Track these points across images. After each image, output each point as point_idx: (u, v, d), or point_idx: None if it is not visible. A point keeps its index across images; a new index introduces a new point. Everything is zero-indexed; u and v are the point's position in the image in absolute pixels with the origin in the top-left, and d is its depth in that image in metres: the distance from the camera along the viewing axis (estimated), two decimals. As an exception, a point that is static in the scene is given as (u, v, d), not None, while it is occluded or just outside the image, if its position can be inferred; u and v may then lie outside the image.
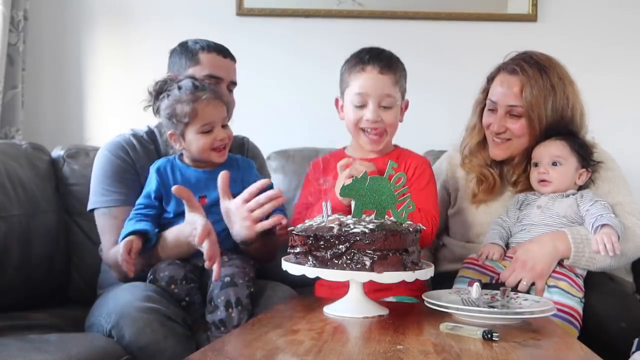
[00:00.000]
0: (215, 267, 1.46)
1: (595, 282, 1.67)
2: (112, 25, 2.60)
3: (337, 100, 1.76)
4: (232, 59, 1.83)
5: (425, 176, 1.71)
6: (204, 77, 1.72)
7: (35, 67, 2.54)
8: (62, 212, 2.04)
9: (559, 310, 1.49)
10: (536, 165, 1.75)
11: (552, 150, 1.72)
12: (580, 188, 1.75)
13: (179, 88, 1.60)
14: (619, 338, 1.47)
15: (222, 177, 1.56)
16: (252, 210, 1.52)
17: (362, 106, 1.65)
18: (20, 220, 1.84)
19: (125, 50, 2.60)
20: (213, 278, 1.48)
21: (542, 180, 1.72)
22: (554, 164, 1.72)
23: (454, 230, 1.92)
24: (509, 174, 1.85)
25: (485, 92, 1.87)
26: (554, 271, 1.62)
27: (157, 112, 1.65)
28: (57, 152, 2.13)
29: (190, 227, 1.51)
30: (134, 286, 1.53)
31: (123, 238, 1.53)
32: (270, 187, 1.58)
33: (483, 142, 1.88)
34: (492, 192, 1.82)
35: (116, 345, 1.40)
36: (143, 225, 1.56)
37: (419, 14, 2.59)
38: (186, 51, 1.78)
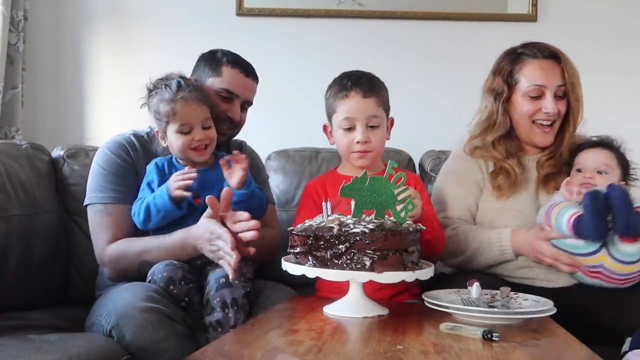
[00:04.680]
0: (232, 271, 1.47)
1: None
2: (112, 25, 2.60)
3: (325, 127, 1.80)
4: (254, 78, 1.84)
5: (425, 192, 1.79)
6: (220, 90, 1.75)
7: (35, 67, 2.54)
8: (62, 212, 2.04)
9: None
10: (579, 170, 1.75)
11: (600, 158, 1.74)
12: None
13: (166, 87, 1.63)
14: None
15: (225, 193, 1.57)
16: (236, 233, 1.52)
17: (351, 129, 1.69)
18: (20, 220, 1.84)
19: (125, 50, 2.60)
20: (230, 277, 1.48)
21: (586, 184, 1.70)
22: (599, 172, 1.72)
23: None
24: (539, 162, 1.87)
25: (508, 84, 1.87)
26: None
27: (149, 108, 1.67)
28: (57, 152, 2.13)
29: (203, 231, 1.53)
30: (134, 286, 1.53)
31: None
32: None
33: (504, 135, 1.89)
34: (515, 186, 1.83)
35: (116, 345, 1.40)
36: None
37: (419, 14, 2.59)
38: (212, 60, 1.79)
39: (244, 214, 1.53)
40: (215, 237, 1.51)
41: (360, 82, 1.69)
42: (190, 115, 1.62)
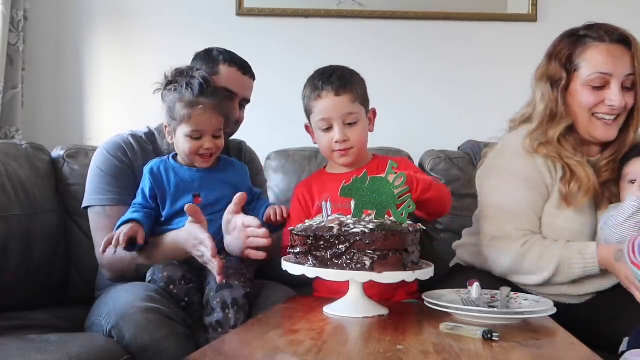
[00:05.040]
0: (219, 277, 1.47)
1: None
2: (112, 25, 2.60)
3: (307, 127, 1.78)
4: (252, 76, 1.83)
5: (412, 165, 1.76)
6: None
7: (35, 67, 2.54)
8: (62, 212, 2.04)
9: None
10: (632, 182, 1.59)
11: None
12: None
13: (187, 85, 1.61)
14: None
15: (240, 197, 1.57)
16: (248, 237, 1.53)
17: (329, 129, 1.67)
18: (20, 220, 1.84)
19: (125, 50, 2.60)
20: (217, 280, 1.48)
21: None
22: None
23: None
24: (597, 167, 1.65)
25: (566, 70, 1.65)
26: None
27: (163, 99, 1.65)
28: (57, 152, 2.13)
29: (188, 236, 1.54)
30: (134, 286, 1.53)
31: (120, 225, 1.55)
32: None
33: (567, 130, 1.66)
34: (587, 196, 1.61)
35: (116, 345, 1.40)
36: (138, 216, 1.57)
37: (418, 14, 2.59)
38: (208, 59, 1.78)
39: (255, 221, 1.53)
40: (198, 242, 1.51)
41: (330, 81, 1.66)
42: (204, 124, 1.61)
